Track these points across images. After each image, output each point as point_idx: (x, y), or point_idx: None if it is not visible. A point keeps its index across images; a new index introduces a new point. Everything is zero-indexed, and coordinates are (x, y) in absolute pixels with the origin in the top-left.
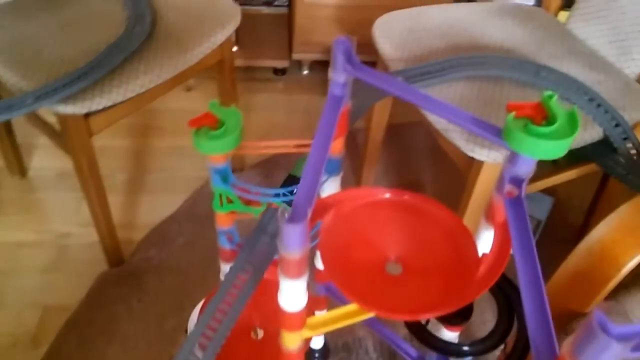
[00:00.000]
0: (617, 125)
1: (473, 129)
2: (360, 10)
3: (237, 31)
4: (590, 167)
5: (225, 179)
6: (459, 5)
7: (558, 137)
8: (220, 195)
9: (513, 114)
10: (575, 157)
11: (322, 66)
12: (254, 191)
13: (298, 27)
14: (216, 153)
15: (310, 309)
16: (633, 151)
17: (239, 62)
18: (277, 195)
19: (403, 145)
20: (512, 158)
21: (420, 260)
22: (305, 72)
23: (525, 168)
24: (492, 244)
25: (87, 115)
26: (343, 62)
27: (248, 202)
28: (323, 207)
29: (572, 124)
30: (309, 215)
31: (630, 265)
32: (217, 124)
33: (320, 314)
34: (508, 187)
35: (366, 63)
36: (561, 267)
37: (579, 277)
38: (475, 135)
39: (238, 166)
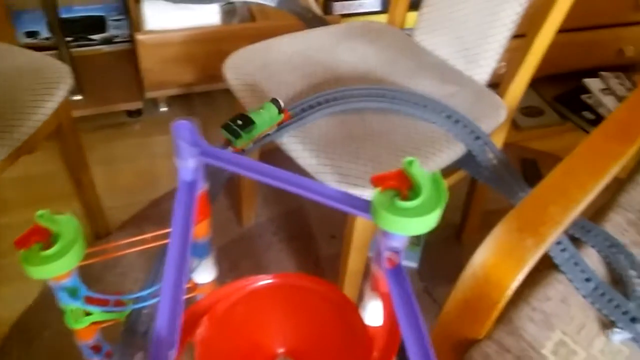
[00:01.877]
0: (477, 138)
1: (341, 206)
2: (207, 44)
3: (78, 78)
4: (462, 173)
5: (74, 293)
6: (308, 32)
7: (426, 211)
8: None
9: (378, 190)
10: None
11: (181, 100)
12: (113, 300)
13: (144, 69)
14: (54, 275)
15: None
16: (495, 161)
17: (85, 112)
18: (139, 299)
19: None
20: (385, 233)
21: (312, 348)
22: (163, 109)
23: (400, 241)
24: (383, 318)
25: None
26: (187, 147)
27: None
28: (195, 317)
29: (438, 190)
30: (175, 354)
31: (514, 286)
32: (51, 238)
33: None
34: (386, 258)
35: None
36: (450, 296)
37: (469, 305)
38: (347, 175)
39: (103, 231)
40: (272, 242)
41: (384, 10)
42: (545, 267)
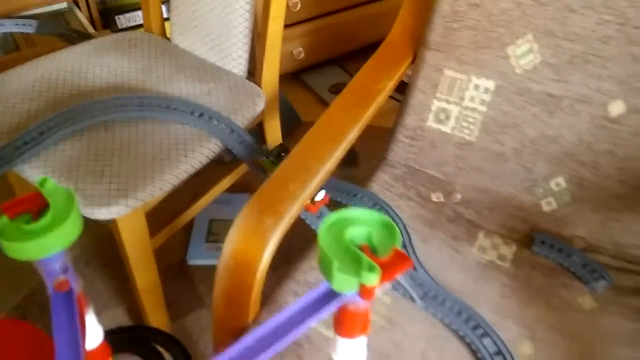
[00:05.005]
0: (232, 131)
1: None
2: None
3: None
4: None
5: None
6: (54, 55)
7: (56, 225)
8: None
9: (5, 218)
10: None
11: None
12: None
13: None
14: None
15: None
16: (250, 149)
17: None
18: None
19: None
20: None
21: None
22: None
23: (56, 261)
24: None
25: None
26: None
27: None
28: None
29: (70, 203)
30: None
31: (263, 266)
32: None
33: None
34: (56, 281)
35: None
36: (213, 292)
37: (229, 295)
38: (92, 196)
39: None
40: (85, 274)
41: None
42: None
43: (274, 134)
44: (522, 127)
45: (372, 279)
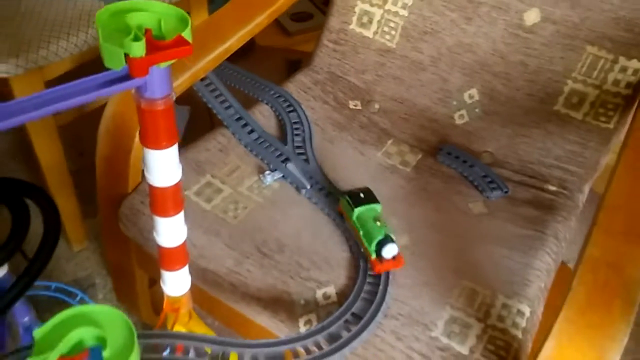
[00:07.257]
0: None
1: None
2: None
3: None
4: None
5: None
6: None
7: None
8: None
9: None
10: None
11: None
12: None
13: None
14: None
15: None
16: None
17: None
18: None
19: None
20: None
21: None
22: None
23: None
24: None
25: None
26: None
27: None
28: None
29: None
30: None
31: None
32: None
33: None
34: None
35: None
36: (96, 156)
37: (110, 161)
38: None
39: None
40: (12, 168)
41: None
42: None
43: None
44: (440, 34)
45: (136, 49)
